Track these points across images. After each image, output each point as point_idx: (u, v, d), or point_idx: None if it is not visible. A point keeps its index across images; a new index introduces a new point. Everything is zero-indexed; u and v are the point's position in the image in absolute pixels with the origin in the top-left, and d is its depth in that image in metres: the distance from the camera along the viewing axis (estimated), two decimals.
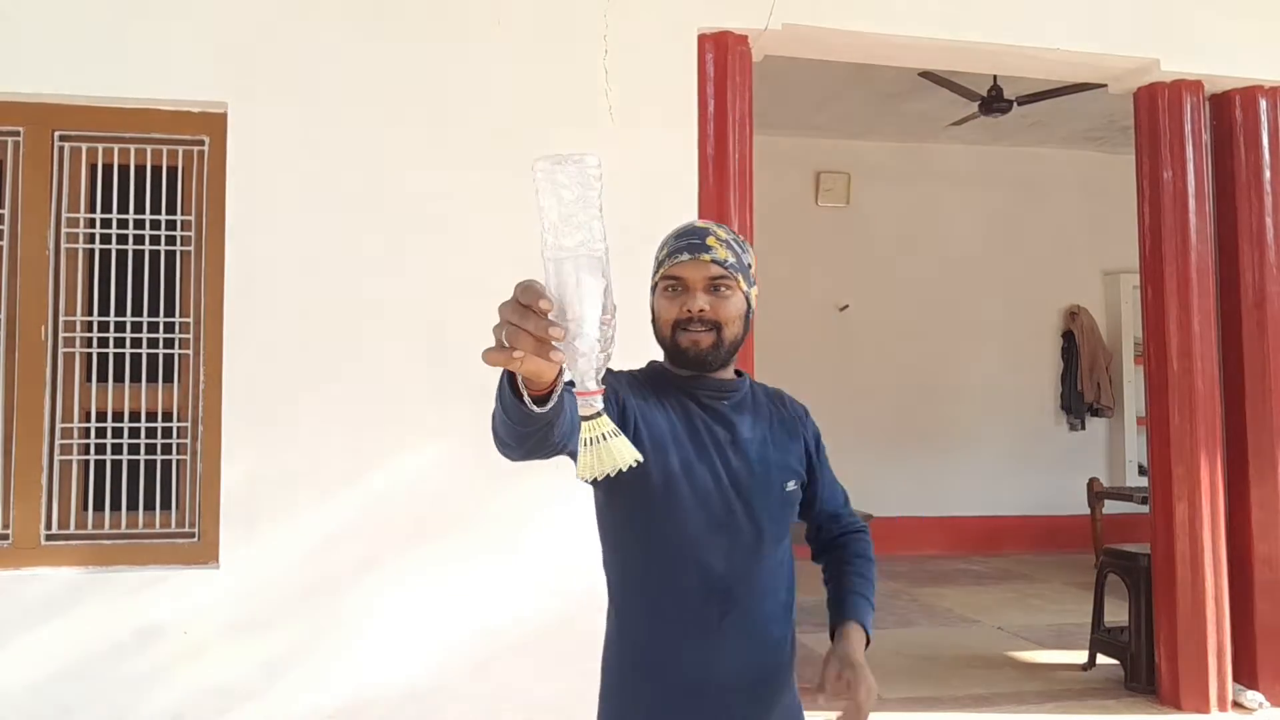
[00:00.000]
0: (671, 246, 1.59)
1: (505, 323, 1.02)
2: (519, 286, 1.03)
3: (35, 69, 3.36)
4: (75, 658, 3.23)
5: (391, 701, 3.39)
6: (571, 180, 1.01)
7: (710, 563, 1.53)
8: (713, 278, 1.55)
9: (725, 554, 1.54)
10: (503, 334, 1.02)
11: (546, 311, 1.00)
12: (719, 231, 1.59)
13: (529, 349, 1.01)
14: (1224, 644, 4.17)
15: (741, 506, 1.56)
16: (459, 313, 3.54)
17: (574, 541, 3.44)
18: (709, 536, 1.53)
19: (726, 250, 1.57)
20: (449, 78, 3.61)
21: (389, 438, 3.47)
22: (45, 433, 3.38)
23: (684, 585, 1.53)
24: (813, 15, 3.86)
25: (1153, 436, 4.36)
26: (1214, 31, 4.32)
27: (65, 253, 3.45)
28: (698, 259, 1.55)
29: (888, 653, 5.13)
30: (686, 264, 1.55)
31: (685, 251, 1.55)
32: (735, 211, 3.74)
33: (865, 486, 7.40)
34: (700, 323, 1.55)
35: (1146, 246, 4.39)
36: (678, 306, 1.56)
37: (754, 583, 1.56)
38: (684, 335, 1.56)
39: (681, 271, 1.55)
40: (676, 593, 1.54)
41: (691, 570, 1.53)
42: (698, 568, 1.53)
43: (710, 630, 1.53)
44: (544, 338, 1.00)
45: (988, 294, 8.43)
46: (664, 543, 1.54)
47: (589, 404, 1.07)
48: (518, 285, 1.04)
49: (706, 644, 1.53)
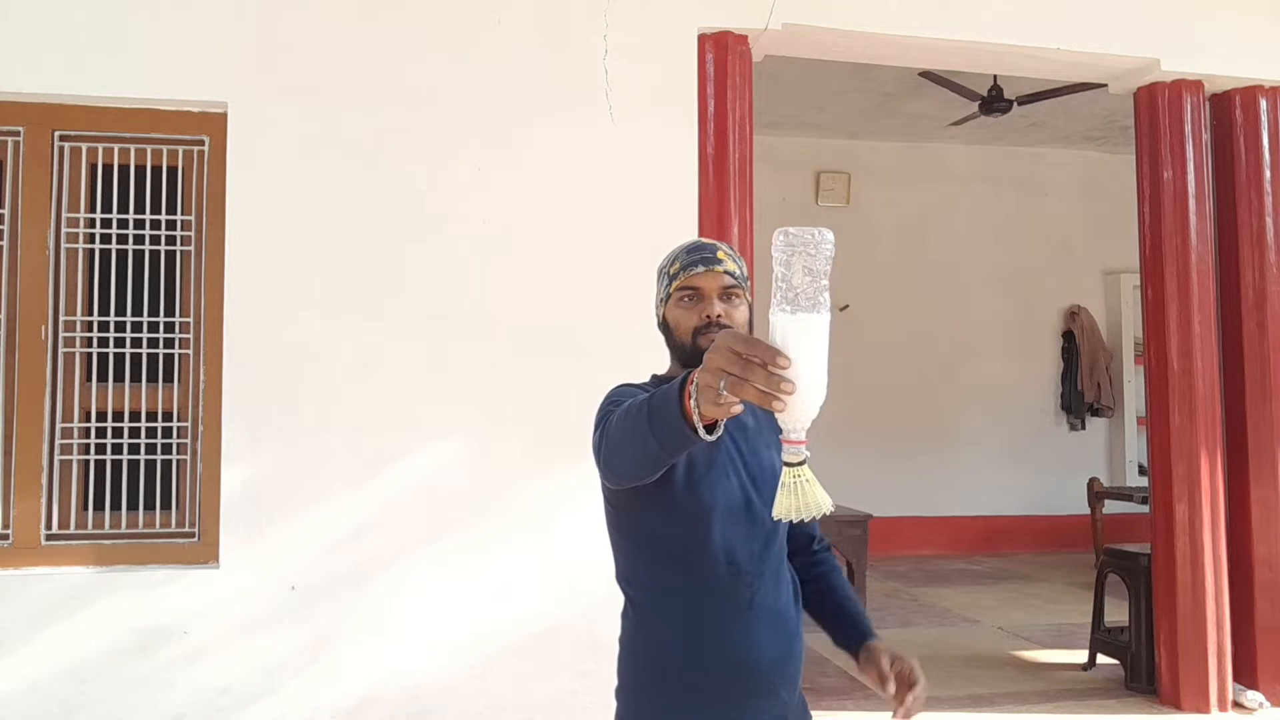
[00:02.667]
0: (685, 260, 1.69)
1: (723, 372, 1.09)
2: (737, 339, 1.10)
3: (35, 69, 3.36)
4: (75, 658, 3.23)
5: (392, 701, 3.39)
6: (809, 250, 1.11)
7: (735, 548, 1.62)
8: (725, 287, 1.67)
9: (745, 540, 1.64)
10: (721, 383, 1.09)
11: (785, 367, 1.07)
12: (724, 247, 1.72)
13: (753, 399, 1.07)
14: (1224, 644, 4.17)
15: (756, 495, 1.66)
16: (459, 312, 3.55)
17: (574, 543, 3.45)
18: (731, 523, 1.62)
19: (734, 263, 1.69)
20: (449, 78, 3.61)
21: (389, 438, 3.47)
22: (45, 433, 3.38)
23: (715, 570, 1.62)
24: (813, 15, 3.86)
25: (1153, 436, 4.36)
26: (1214, 31, 4.32)
27: (65, 253, 3.45)
28: (712, 270, 1.66)
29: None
30: (702, 275, 1.66)
31: (700, 264, 1.66)
32: (735, 211, 3.74)
33: (865, 486, 7.41)
34: (718, 327, 1.64)
35: (1146, 246, 4.39)
36: (696, 314, 1.66)
37: (770, 568, 1.66)
38: (704, 338, 1.64)
39: (698, 282, 1.66)
40: (710, 578, 1.62)
41: (720, 556, 1.62)
42: (725, 553, 1.62)
43: (743, 611, 1.62)
44: (773, 392, 1.06)
45: (988, 294, 8.43)
46: (692, 531, 1.62)
47: (796, 452, 1.15)
48: (733, 336, 1.11)
49: (742, 624, 1.62)
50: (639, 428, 1.33)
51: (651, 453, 1.34)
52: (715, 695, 1.60)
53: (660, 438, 1.29)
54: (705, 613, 1.62)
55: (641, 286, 1.74)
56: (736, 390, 1.08)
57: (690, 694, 1.61)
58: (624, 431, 1.39)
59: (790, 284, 1.10)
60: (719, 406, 1.12)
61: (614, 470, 1.48)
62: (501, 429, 3.52)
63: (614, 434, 1.44)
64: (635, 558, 1.69)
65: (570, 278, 3.62)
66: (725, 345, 1.10)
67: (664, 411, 1.26)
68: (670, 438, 1.27)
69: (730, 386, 1.08)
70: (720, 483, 1.62)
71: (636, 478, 1.47)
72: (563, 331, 3.59)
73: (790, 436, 1.15)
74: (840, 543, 5.55)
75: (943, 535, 8.20)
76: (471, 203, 3.58)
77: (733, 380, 1.08)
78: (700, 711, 1.61)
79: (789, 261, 1.11)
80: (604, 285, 3.60)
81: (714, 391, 1.10)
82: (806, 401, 1.11)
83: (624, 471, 1.46)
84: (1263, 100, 4.40)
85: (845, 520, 5.63)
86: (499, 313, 3.56)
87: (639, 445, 1.35)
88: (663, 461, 1.37)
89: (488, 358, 3.55)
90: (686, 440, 1.24)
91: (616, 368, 2.03)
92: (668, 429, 1.26)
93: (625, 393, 1.63)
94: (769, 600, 1.64)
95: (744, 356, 1.08)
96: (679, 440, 1.26)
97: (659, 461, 1.37)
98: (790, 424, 1.14)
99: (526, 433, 3.52)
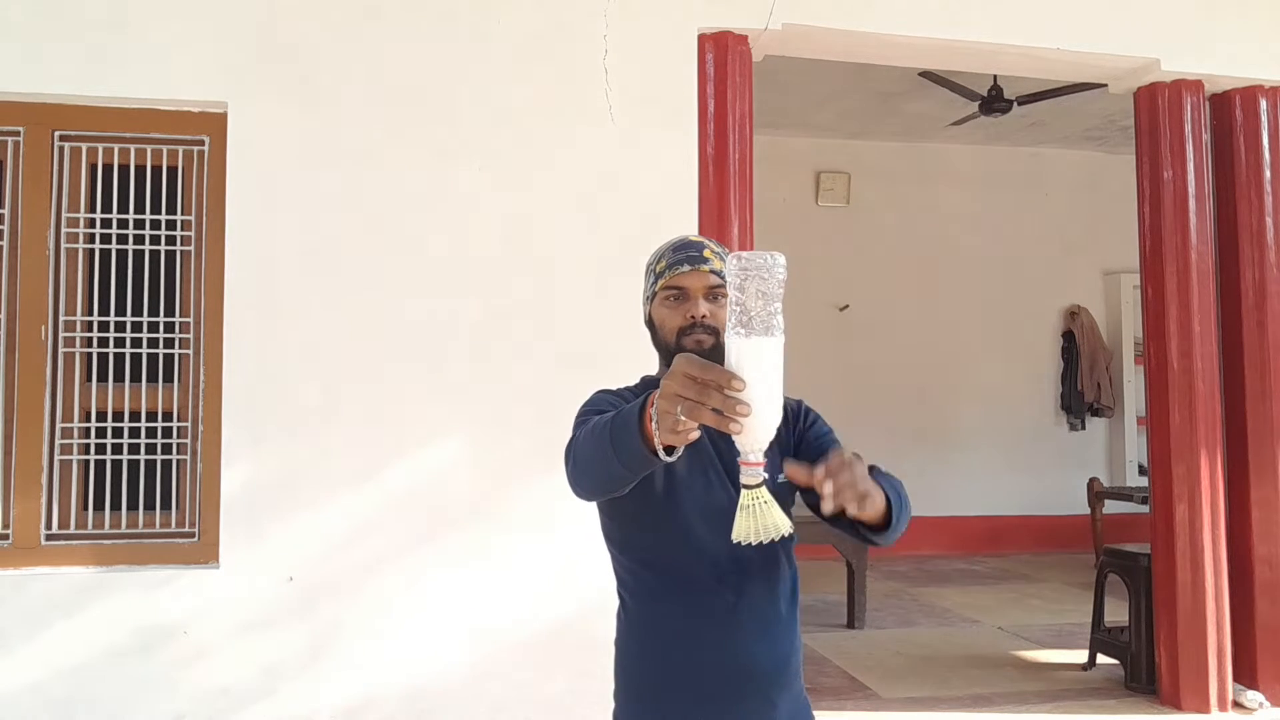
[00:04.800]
0: (671, 259, 1.67)
1: (680, 398, 1.10)
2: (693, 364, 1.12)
3: (35, 69, 3.36)
4: (76, 658, 3.23)
5: (392, 702, 3.39)
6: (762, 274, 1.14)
7: (717, 551, 1.59)
8: (711, 287, 1.64)
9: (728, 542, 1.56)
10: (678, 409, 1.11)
11: (740, 390, 1.09)
12: (711, 244, 1.70)
13: (710, 423, 1.10)
14: (1224, 644, 4.17)
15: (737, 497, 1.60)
16: (460, 312, 3.55)
17: (574, 543, 3.44)
18: (713, 526, 1.59)
19: (720, 261, 1.66)
20: (449, 78, 3.60)
21: (390, 438, 3.47)
22: (45, 433, 3.38)
23: (698, 573, 1.60)
24: (813, 15, 3.86)
25: (1153, 436, 4.36)
26: (1214, 31, 4.32)
27: (65, 253, 3.45)
28: (698, 269, 1.65)
29: (888, 653, 5.14)
30: (688, 274, 1.65)
31: (686, 263, 1.65)
32: (735, 211, 3.74)
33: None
34: (702, 327, 1.63)
35: (1146, 246, 4.39)
36: (681, 314, 1.65)
37: (757, 571, 1.63)
38: (688, 338, 1.64)
39: (683, 281, 1.65)
40: (691, 583, 1.61)
41: (703, 559, 1.60)
42: (707, 557, 1.60)
43: (729, 614, 1.60)
44: (729, 415, 1.09)
45: (988, 294, 8.43)
46: (672, 534, 1.61)
47: (754, 474, 1.18)
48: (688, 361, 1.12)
49: (728, 627, 1.60)
50: (602, 448, 1.34)
51: (615, 473, 1.35)
52: (704, 699, 1.59)
53: (622, 458, 1.30)
54: (690, 616, 1.61)
55: (642, 286, 1.74)
56: (694, 415, 1.11)
57: (679, 697, 1.60)
58: (588, 450, 1.40)
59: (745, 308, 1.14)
60: (677, 434, 1.14)
61: (581, 487, 1.48)
62: (501, 429, 3.52)
63: (579, 451, 1.45)
64: (624, 561, 1.69)
65: (570, 277, 3.62)
66: (681, 370, 1.12)
67: (625, 434, 1.28)
68: (631, 459, 1.29)
69: (687, 411, 1.11)
70: (700, 485, 1.62)
71: (604, 493, 1.47)
72: (563, 331, 3.59)
73: (748, 458, 1.17)
74: (840, 543, 5.55)
75: (943, 535, 8.19)
76: (472, 203, 3.58)
77: (689, 405, 1.10)
78: (690, 715, 1.60)
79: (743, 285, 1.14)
80: (604, 285, 3.60)
81: (672, 418, 1.13)
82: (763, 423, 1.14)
83: (590, 488, 1.47)
84: (1263, 100, 4.40)
85: None
86: (499, 312, 3.56)
87: (603, 465, 1.36)
88: (627, 481, 1.38)
89: (488, 358, 3.54)
90: (647, 462, 1.27)
91: (617, 367, 2.03)
92: (629, 450, 1.27)
93: (599, 402, 1.64)
94: (758, 603, 1.62)
95: (699, 380, 1.10)
96: (640, 462, 1.28)
97: (623, 481, 1.39)
98: (747, 445, 1.16)
99: (526, 433, 3.51)
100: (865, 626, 5.63)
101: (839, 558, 5.68)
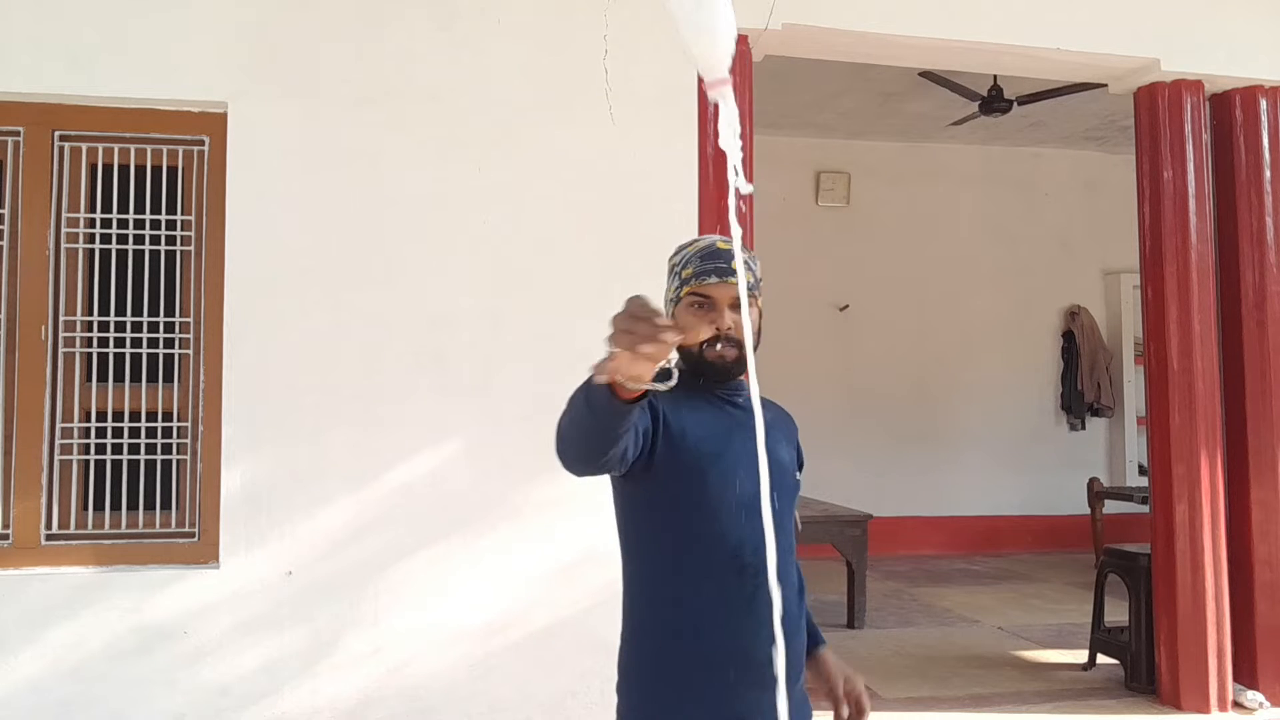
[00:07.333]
0: (698, 267, 1.69)
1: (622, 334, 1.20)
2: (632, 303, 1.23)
3: (36, 69, 3.36)
4: (76, 658, 3.23)
5: (392, 701, 3.39)
6: None
7: (739, 540, 1.61)
8: (737, 298, 1.64)
9: (750, 532, 1.62)
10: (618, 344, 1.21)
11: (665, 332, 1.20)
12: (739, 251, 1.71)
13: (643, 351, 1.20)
14: (1224, 644, 4.16)
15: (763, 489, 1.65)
16: (459, 311, 3.55)
17: (574, 542, 3.45)
18: (736, 516, 1.62)
19: (748, 271, 1.68)
20: (449, 78, 3.60)
21: (390, 437, 3.47)
22: (45, 433, 3.38)
23: (717, 561, 1.62)
24: (813, 15, 3.86)
25: (1153, 436, 4.36)
26: (1214, 31, 4.32)
27: (65, 253, 3.45)
28: (725, 281, 1.66)
29: (888, 653, 5.14)
30: (715, 285, 1.67)
31: (714, 275, 1.67)
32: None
33: (865, 486, 7.42)
34: (726, 340, 1.66)
35: (1146, 246, 4.39)
36: (707, 323, 1.67)
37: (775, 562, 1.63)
38: (711, 350, 1.67)
39: (710, 291, 1.67)
40: (711, 569, 1.63)
41: (723, 547, 1.62)
42: (728, 545, 1.62)
43: (745, 603, 1.61)
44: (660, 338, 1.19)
45: (988, 294, 8.43)
46: (697, 521, 1.63)
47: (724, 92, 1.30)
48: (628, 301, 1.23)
49: (742, 617, 1.61)
50: (576, 408, 1.41)
51: (590, 429, 1.40)
52: (715, 688, 1.61)
53: (595, 409, 1.36)
54: (708, 605, 1.62)
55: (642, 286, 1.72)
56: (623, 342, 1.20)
57: (690, 686, 1.62)
58: (566, 418, 1.46)
59: None
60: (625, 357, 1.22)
61: (566, 457, 1.50)
62: (502, 429, 3.52)
63: (560, 423, 1.49)
64: (641, 550, 1.69)
65: (570, 277, 3.62)
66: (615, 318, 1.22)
67: (591, 387, 1.34)
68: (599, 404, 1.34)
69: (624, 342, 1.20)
70: (728, 476, 1.63)
71: (590, 460, 1.49)
72: (563, 331, 3.58)
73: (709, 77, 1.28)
74: (840, 543, 5.56)
75: (943, 535, 8.20)
76: (472, 203, 3.58)
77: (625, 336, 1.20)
78: (700, 704, 1.61)
79: None
80: (604, 284, 3.60)
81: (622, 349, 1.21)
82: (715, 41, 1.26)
83: (574, 456, 1.49)
84: (1263, 100, 4.40)
85: (845, 520, 5.63)
86: (499, 312, 3.56)
87: (579, 426, 1.42)
88: (606, 439, 1.42)
89: (488, 357, 3.55)
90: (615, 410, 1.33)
91: None
92: (595, 398, 1.34)
93: None
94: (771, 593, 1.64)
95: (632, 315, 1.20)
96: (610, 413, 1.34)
97: (601, 438, 1.42)
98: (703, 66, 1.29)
99: (527, 432, 3.50)
100: (865, 626, 5.63)
101: (839, 558, 5.68)
